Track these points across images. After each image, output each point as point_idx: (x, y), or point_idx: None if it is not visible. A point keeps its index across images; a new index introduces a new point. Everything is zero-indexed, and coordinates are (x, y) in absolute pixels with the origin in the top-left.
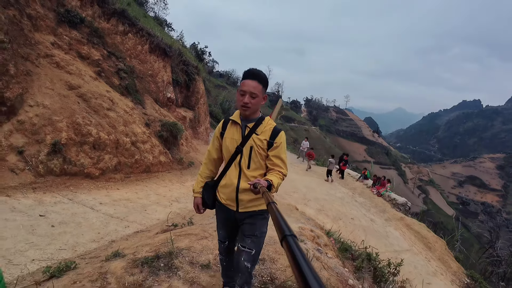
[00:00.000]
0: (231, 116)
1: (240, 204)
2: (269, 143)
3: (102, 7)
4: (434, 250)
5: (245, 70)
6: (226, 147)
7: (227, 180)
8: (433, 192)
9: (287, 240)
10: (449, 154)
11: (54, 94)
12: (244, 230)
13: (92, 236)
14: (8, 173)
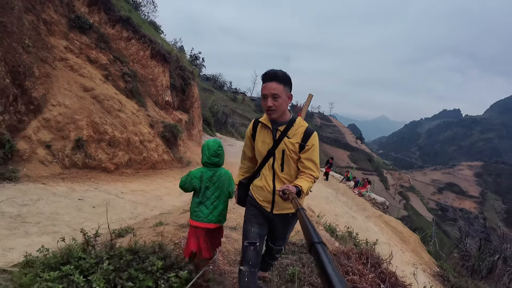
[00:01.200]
0: (260, 118)
1: (275, 206)
2: (301, 145)
3: (108, 14)
4: (409, 243)
5: (263, 73)
6: (258, 150)
7: (263, 182)
8: (413, 198)
9: (315, 247)
10: (429, 161)
11: (72, 95)
12: (277, 232)
13: (128, 215)
14: (39, 164)
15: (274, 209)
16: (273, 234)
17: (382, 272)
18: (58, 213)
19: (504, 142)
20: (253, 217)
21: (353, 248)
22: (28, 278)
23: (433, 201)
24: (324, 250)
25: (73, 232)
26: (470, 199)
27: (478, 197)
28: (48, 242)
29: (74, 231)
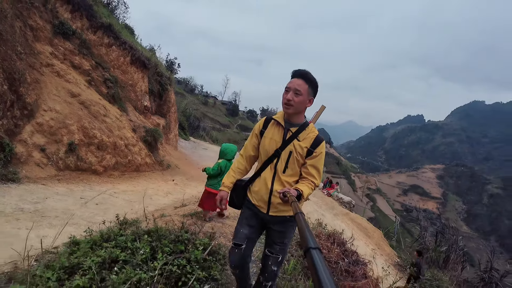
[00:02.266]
0: (274, 115)
1: (271, 207)
2: (309, 151)
3: (90, 20)
4: (372, 237)
5: (294, 69)
6: (265, 148)
7: (261, 181)
8: (380, 200)
9: (310, 252)
10: (394, 165)
11: (61, 101)
12: (274, 237)
13: (128, 210)
14: (35, 166)
15: (270, 210)
16: (269, 238)
17: (345, 250)
18: (69, 209)
19: (464, 146)
20: (245, 218)
21: (322, 231)
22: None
23: (399, 202)
24: (319, 256)
25: (88, 223)
26: (433, 200)
27: (440, 198)
28: (72, 231)
29: (89, 223)
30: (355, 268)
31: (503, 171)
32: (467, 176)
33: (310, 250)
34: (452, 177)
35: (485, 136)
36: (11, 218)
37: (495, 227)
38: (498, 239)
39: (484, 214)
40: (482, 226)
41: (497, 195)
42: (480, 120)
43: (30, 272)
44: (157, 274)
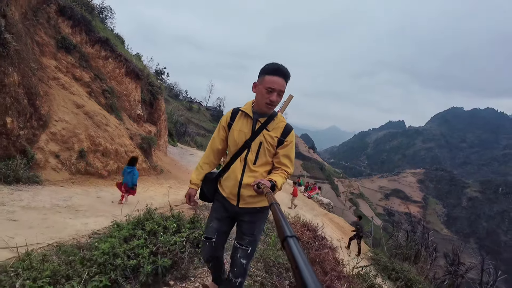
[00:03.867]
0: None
1: (241, 199)
2: (279, 140)
3: (88, 34)
4: (349, 234)
5: (269, 64)
6: (233, 140)
7: (231, 173)
8: (362, 204)
9: (288, 241)
10: (377, 169)
11: (69, 112)
12: (243, 228)
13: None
14: (52, 171)
15: (240, 202)
16: (239, 230)
17: (317, 235)
18: (93, 205)
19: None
20: (214, 212)
21: (298, 220)
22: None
23: (381, 206)
24: (296, 244)
25: (113, 216)
26: (414, 203)
27: (421, 202)
28: (102, 221)
29: (114, 216)
30: (323, 248)
31: (481, 175)
32: (446, 180)
33: (287, 239)
34: (432, 181)
35: (464, 141)
36: (54, 211)
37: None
38: (477, 241)
39: (463, 216)
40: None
41: (475, 199)
42: (459, 125)
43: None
44: (185, 239)
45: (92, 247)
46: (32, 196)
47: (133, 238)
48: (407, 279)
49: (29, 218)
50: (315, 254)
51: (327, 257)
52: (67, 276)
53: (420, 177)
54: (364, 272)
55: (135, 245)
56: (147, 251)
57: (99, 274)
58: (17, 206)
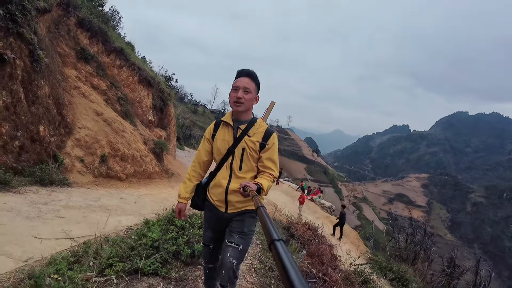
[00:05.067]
0: (222, 117)
1: (229, 205)
2: (261, 144)
3: (104, 44)
4: (349, 237)
5: (238, 70)
6: (217, 149)
7: (217, 181)
8: (366, 208)
9: (275, 244)
10: (380, 174)
11: (90, 119)
12: (233, 227)
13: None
14: (78, 174)
15: (228, 208)
16: (228, 230)
17: (317, 234)
18: (119, 205)
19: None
20: (206, 222)
21: (300, 221)
22: (160, 224)
23: (384, 211)
24: (283, 247)
25: (140, 215)
26: (417, 208)
27: (425, 207)
28: (132, 219)
29: (140, 214)
30: (321, 244)
31: (486, 180)
32: (451, 185)
33: (274, 242)
34: (436, 186)
35: (468, 146)
36: (90, 210)
37: (478, 234)
38: (481, 246)
39: (467, 222)
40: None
41: (480, 204)
42: (464, 130)
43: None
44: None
45: (137, 237)
46: (67, 197)
47: (167, 231)
48: (404, 279)
49: (72, 215)
50: (314, 249)
51: (325, 251)
52: (129, 256)
53: (424, 181)
54: (360, 270)
55: (171, 236)
56: (183, 240)
57: (153, 254)
58: (59, 206)
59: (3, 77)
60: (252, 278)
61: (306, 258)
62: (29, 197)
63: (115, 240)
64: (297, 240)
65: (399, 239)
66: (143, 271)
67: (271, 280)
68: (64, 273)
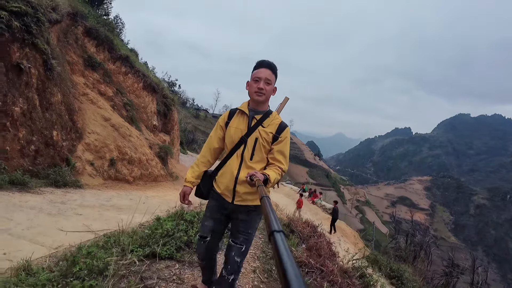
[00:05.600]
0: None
1: (236, 196)
2: (274, 136)
3: (110, 52)
4: (350, 237)
5: (258, 60)
6: (230, 136)
7: (227, 169)
8: (369, 212)
9: (274, 235)
10: (383, 177)
11: (99, 125)
12: (238, 226)
13: (167, 208)
14: (88, 177)
15: (235, 199)
16: (233, 228)
17: (316, 231)
18: (130, 205)
19: (450, 158)
20: (209, 210)
21: (300, 218)
22: (172, 219)
23: (387, 214)
24: (282, 239)
25: (149, 213)
26: (421, 211)
27: (428, 209)
28: (141, 217)
29: (150, 213)
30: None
31: (489, 182)
32: (453, 187)
33: (274, 233)
34: (439, 188)
35: (471, 148)
36: (104, 209)
37: (482, 237)
38: (485, 248)
39: (471, 224)
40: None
41: (483, 206)
42: (466, 132)
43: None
44: None
45: (150, 230)
46: (81, 197)
47: (178, 225)
48: (403, 277)
49: (89, 213)
50: (313, 243)
51: (322, 245)
52: (147, 243)
53: (427, 184)
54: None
55: (182, 228)
56: (193, 232)
57: (168, 242)
58: (75, 205)
59: (19, 85)
60: (255, 263)
61: (305, 251)
62: (47, 197)
63: (132, 232)
64: (297, 236)
65: (399, 240)
66: (160, 255)
67: (272, 266)
68: (95, 254)
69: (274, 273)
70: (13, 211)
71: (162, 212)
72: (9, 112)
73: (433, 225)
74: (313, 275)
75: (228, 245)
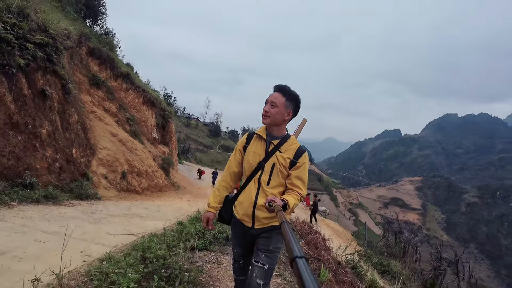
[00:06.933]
0: (256, 131)
1: (256, 220)
2: (292, 162)
3: (112, 70)
4: (343, 237)
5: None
6: (248, 161)
7: (245, 195)
8: (362, 214)
9: (296, 262)
10: (375, 179)
11: (108, 141)
12: (259, 244)
13: (181, 214)
14: (104, 189)
15: (255, 224)
16: (255, 248)
17: (312, 230)
18: (148, 213)
19: (440, 158)
20: (235, 237)
21: (298, 219)
22: (193, 222)
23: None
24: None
25: (166, 219)
26: (413, 211)
27: (420, 209)
28: (161, 222)
29: (167, 219)
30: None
31: (478, 180)
32: (444, 186)
33: (296, 260)
34: (430, 188)
35: (460, 147)
36: (129, 217)
37: (473, 234)
38: (478, 246)
39: (462, 222)
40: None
41: (474, 204)
42: (454, 132)
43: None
44: None
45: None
46: (104, 208)
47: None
48: (393, 272)
49: (119, 220)
50: (310, 238)
51: (319, 240)
52: (186, 240)
53: (418, 184)
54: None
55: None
56: (217, 230)
57: (201, 238)
58: (104, 214)
59: (44, 109)
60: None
61: (303, 245)
62: (78, 209)
63: (163, 234)
64: (296, 232)
65: (388, 238)
66: (197, 248)
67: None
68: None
69: None
70: (62, 221)
71: (177, 218)
72: (38, 134)
73: (426, 224)
74: (312, 263)
75: (250, 267)
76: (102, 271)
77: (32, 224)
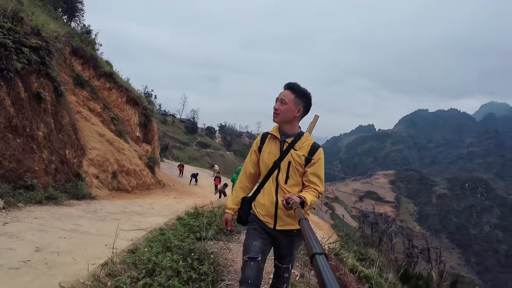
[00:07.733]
0: (269, 131)
1: (278, 220)
2: (307, 159)
3: (95, 69)
4: (323, 229)
5: None
6: (264, 162)
7: (266, 194)
8: (338, 208)
9: (316, 258)
10: (350, 173)
11: (97, 141)
12: (282, 250)
13: (173, 211)
14: (96, 189)
15: (277, 224)
16: (278, 251)
17: None
18: (144, 211)
19: (412, 152)
20: (256, 231)
21: None
22: (193, 218)
23: (356, 208)
24: (324, 261)
25: (163, 216)
26: (387, 204)
27: (393, 202)
28: (159, 219)
29: (163, 215)
30: None
31: (448, 173)
32: (416, 179)
33: (316, 256)
34: (403, 181)
35: (430, 142)
36: (129, 215)
37: (444, 225)
38: (448, 235)
39: (434, 213)
40: (433, 224)
41: (444, 195)
42: (425, 127)
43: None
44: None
45: (184, 227)
46: (102, 206)
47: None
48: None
49: (121, 217)
50: None
51: None
52: (195, 231)
53: (391, 178)
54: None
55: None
56: (220, 222)
57: (208, 230)
58: (104, 212)
59: (39, 112)
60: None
61: None
62: (80, 208)
63: (168, 228)
64: None
65: (364, 229)
66: (206, 238)
67: None
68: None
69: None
70: (71, 219)
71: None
72: (35, 137)
73: (399, 216)
74: None
75: (275, 266)
76: (141, 258)
77: (48, 224)
